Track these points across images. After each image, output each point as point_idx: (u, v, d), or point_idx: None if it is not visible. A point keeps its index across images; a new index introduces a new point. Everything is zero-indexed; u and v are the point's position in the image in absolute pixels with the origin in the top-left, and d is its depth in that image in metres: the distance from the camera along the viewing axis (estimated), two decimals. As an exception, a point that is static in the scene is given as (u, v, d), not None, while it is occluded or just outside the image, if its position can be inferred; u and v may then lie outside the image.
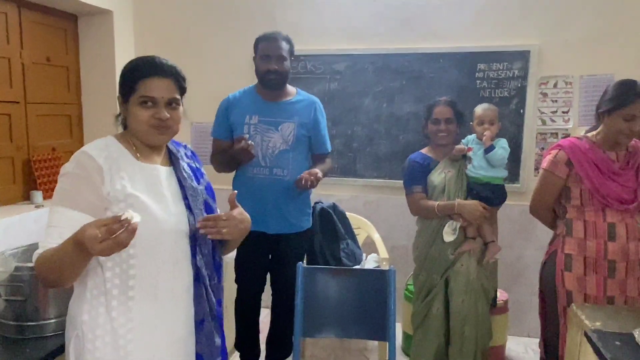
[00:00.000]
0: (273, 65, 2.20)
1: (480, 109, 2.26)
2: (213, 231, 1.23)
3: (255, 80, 2.34)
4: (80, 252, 0.99)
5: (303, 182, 2.13)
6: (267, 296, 2.51)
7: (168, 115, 1.24)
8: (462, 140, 2.30)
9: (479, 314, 2.23)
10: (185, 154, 1.41)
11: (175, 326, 1.25)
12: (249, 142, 2.16)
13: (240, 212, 1.29)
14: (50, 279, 1.11)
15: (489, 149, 2.16)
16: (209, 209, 1.35)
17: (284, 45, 2.24)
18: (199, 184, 1.37)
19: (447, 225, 2.22)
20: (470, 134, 2.30)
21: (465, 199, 2.23)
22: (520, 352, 2.91)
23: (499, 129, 2.23)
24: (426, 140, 2.43)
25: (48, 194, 2.74)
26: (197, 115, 3.32)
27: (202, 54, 3.25)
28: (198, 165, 1.43)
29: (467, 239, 2.22)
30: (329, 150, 2.44)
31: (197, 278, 1.28)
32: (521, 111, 2.95)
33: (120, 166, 1.20)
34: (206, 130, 3.29)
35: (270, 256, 2.40)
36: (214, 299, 1.33)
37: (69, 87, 3.08)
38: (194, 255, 1.27)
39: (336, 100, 3.19)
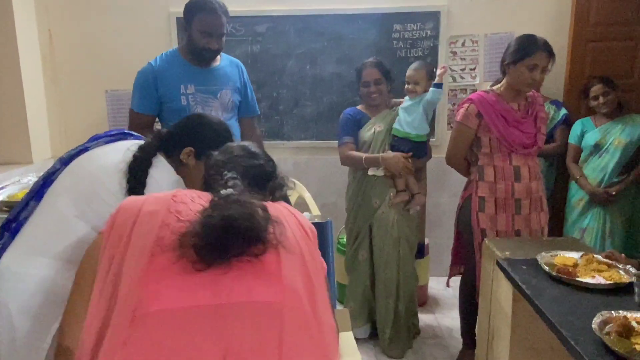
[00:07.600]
0: (215, 44, 2.08)
1: (408, 71, 2.41)
2: None
3: (174, 42, 2.26)
4: None
5: None
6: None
7: None
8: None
9: (399, 258, 2.44)
10: None
11: None
12: None
13: None
14: None
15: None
16: None
17: (224, 21, 2.08)
18: None
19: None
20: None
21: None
22: (440, 289, 3.23)
23: (426, 88, 2.37)
24: (361, 101, 2.55)
25: None
26: (111, 82, 3.14)
27: (112, 13, 3.05)
28: None
29: (398, 192, 2.41)
30: (258, 112, 2.44)
31: None
32: (434, 70, 3.14)
33: None
34: (122, 98, 3.13)
35: None
36: None
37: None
38: None
39: (259, 63, 3.18)
